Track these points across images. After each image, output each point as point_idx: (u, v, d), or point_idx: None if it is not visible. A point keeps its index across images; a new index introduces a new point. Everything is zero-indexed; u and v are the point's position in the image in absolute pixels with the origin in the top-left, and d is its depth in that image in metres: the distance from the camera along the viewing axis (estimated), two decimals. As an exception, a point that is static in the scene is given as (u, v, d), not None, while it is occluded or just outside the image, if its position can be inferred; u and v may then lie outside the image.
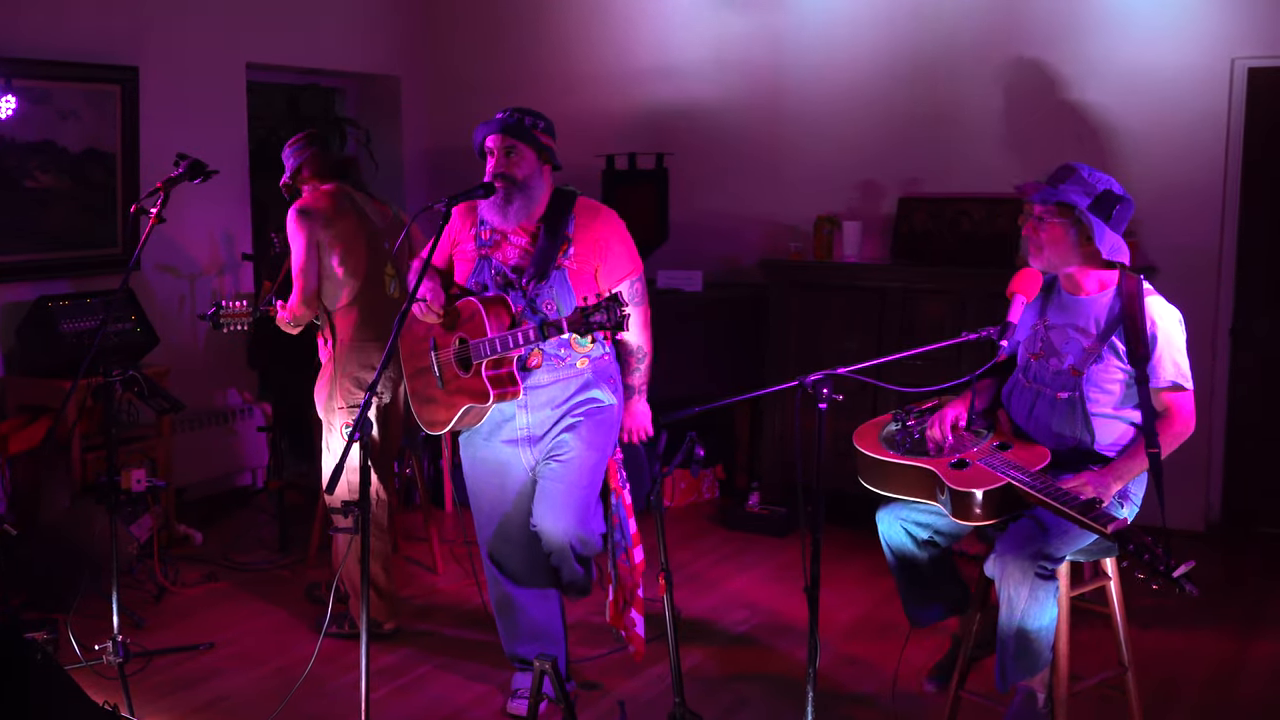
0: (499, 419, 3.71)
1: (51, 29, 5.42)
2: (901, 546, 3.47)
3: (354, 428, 3.06)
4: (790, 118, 6.36)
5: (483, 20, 7.16)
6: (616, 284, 3.67)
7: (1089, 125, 5.72)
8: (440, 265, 3.80)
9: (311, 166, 4.41)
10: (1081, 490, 3.12)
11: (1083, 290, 3.39)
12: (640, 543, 3.79)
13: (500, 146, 3.59)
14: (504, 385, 3.55)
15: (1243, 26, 5.43)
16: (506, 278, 3.63)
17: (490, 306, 3.54)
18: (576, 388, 3.67)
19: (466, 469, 3.85)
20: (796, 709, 3.84)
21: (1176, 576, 2.80)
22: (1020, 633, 3.17)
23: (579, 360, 3.65)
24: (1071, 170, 3.33)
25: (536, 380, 3.63)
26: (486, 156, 3.65)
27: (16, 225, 5.35)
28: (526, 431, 3.69)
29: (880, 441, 3.47)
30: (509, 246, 3.66)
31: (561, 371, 3.64)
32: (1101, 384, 3.31)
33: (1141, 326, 3.26)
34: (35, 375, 5.22)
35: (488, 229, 3.69)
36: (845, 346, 5.70)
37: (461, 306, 3.62)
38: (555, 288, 3.59)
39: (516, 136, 3.58)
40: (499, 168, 3.58)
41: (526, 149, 3.60)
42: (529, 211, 3.64)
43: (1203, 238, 5.59)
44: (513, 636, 3.95)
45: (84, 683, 3.50)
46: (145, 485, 4.95)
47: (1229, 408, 5.66)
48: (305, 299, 4.25)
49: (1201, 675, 4.22)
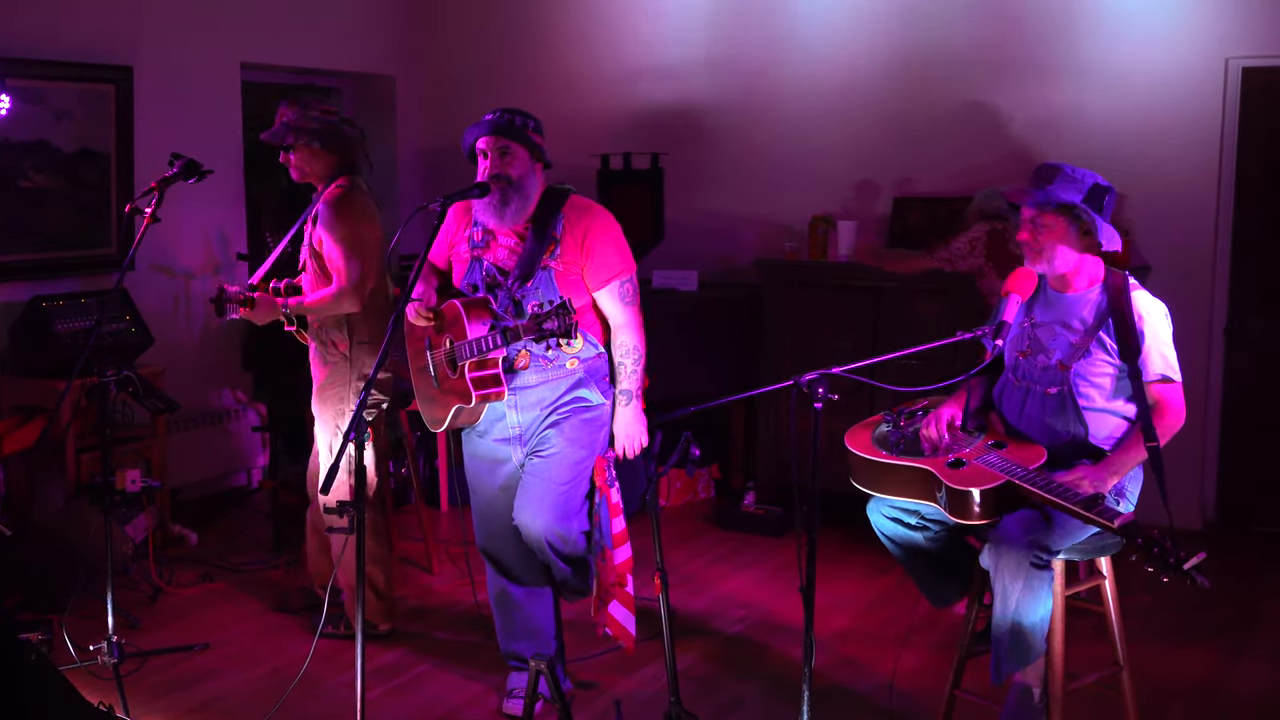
0: (493, 418, 3.73)
1: (46, 29, 5.41)
2: (897, 534, 3.48)
3: (349, 428, 3.06)
4: (785, 117, 6.37)
5: (478, 20, 7.16)
6: (603, 284, 3.65)
7: (1083, 125, 5.72)
8: (440, 265, 3.82)
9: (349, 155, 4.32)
10: (1079, 485, 3.12)
11: (1071, 288, 3.40)
12: (625, 542, 3.71)
13: (494, 148, 3.59)
14: (487, 386, 3.58)
15: (1237, 26, 5.44)
16: (495, 279, 3.65)
17: (471, 309, 3.56)
18: (566, 388, 3.67)
19: (466, 466, 3.89)
20: (792, 708, 3.84)
21: (1188, 568, 2.80)
22: (1015, 625, 3.18)
23: (568, 361, 3.66)
24: (1056, 169, 3.35)
25: (525, 381, 3.65)
26: (478, 158, 3.65)
27: (11, 225, 5.34)
28: (518, 430, 3.71)
29: (873, 443, 3.47)
30: (498, 247, 3.68)
31: (550, 372, 3.65)
32: (1090, 378, 3.32)
33: (1130, 322, 3.28)
34: (30, 375, 5.21)
35: (479, 230, 3.70)
36: (840, 346, 5.70)
37: (446, 309, 3.65)
38: (541, 288, 3.59)
39: (509, 137, 3.59)
40: (494, 169, 3.58)
41: (520, 148, 3.61)
42: (524, 211, 3.64)
43: (1197, 237, 5.60)
44: (509, 634, 3.96)
45: (79, 683, 3.49)
46: (140, 486, 4.95)
47: (1224, 407, 5.68)
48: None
49: (1196, 674, 4.22)
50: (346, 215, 4.15)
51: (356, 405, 3.05)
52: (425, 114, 7.35)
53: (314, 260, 4.24)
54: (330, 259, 4.16)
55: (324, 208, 4.17)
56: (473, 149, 3.67)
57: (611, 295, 3.67)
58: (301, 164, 4.27)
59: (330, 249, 4.15)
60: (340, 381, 4.27)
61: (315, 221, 4.23)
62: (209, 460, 6.22)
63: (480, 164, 3.63)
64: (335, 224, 4.14)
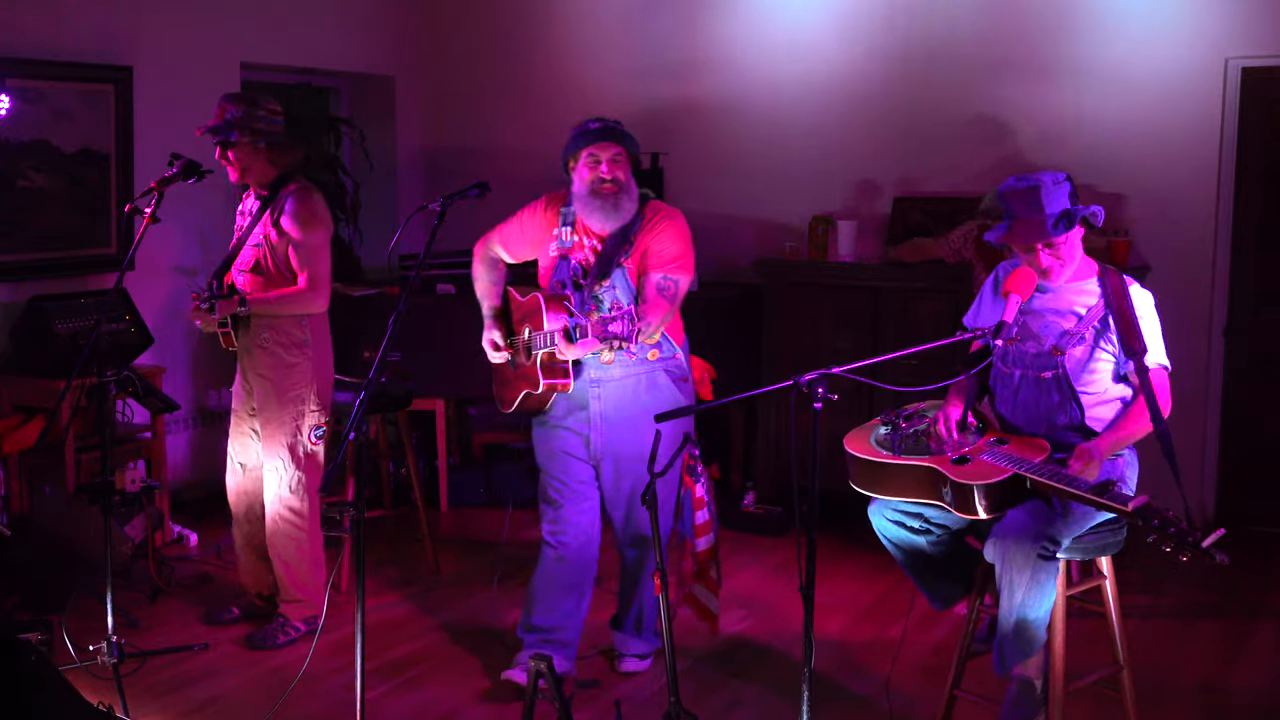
0: (573, 404, 3.92)
1: (46, 29, 5.41)
2: (899, 537, 3.48)
3: (349, 428, 3.06)
4: (785, 117, 6.36)
5: (478, 20, 7.16)
6: (650, 269, 3.83)
7: (1083, 125, 5.72)
8: (511, 257, 4.09)
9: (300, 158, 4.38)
10: (1086, 470, 3.13)
11: (1052, 277, 3.42)
12: (708, 533, 4.01)
13: (609, 155, 3.81)
14: (555, 376, 3.84)
15: (1237, 26, 5.44)
16: (578, 277, 3.85)
17: (551, 302, 3.80)
18: (648, 382, 3.89)
19: (536, 445, 4.07)
20: (792, 708, 3.84)
21: (1206, 546, 2.80)
22: (1020, 619, 3.18)
23: (649, 352, 3.89)
24: (1036, 186, 3.33)
25: (609, 373, 3.86)
26: (581, 166, 3.84)
27: (10, 225, 5.34)
28: (600, 419, 3.90)
29: (873, 445, 3.47)
30: (581, 247, 3.89)
31: (633, 367, 3.87)
32: (1084, 364, 3.35)
33: (1133, 319, 3.32)
34: (29, 375, 5.21)
35: (567, 230, 3.90)
36: (840, 346, 5.70)
37: (529, 300, 3.91)
38: (616, 286, 3.82)
39: (621, 143, 3.84)
40: (609, 174, 3.81)
41: (625, 153, 3.85)
42: (630, 212, 3.85)
43: (1197, 237, 5.59)
44: (531, 610, 4.03)
45: (78, 683, 3.49)
46: (139, 485, 4.95)
47: (1223, 406, 5.67)
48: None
49: (1196, 674, 4.22)
50: (316, 217, 4.23)
51: (357, 405, 3.04)
52: (425, 114, 7.35)
53: (269, 260, 4.25)
54: (299, 259, 4.19)
55: (295, 208, 4.21)
56: (574, 155, 3.86)
57: (653, 283, 3.81)
58: (243, 163, 4.27)
59: (300, 249, 4.20)
60: (302, 382, 4.30)
61: (276, 222, 4.24)
62: (208, 460, 6.21)
63: (583, 171, 3.84)
64: (307, 225, 4.20)
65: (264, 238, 4.26)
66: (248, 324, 4.30)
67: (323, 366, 4.37)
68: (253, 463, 4.47)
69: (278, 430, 4.32)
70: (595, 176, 3.81)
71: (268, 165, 4.28)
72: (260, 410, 4.35)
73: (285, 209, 4.22)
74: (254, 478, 4.48)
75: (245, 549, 4.60)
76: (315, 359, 4.32)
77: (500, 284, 4.07)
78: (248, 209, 4.41)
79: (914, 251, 5.61)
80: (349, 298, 5.94)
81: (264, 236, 4.26)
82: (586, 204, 3.82)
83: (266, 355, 4.30)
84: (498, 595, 4.80)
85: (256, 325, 4.28)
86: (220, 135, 4.20)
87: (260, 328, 4.28)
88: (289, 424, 4.31)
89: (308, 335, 4.30)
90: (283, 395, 4.30)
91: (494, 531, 5.73)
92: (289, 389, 4.30)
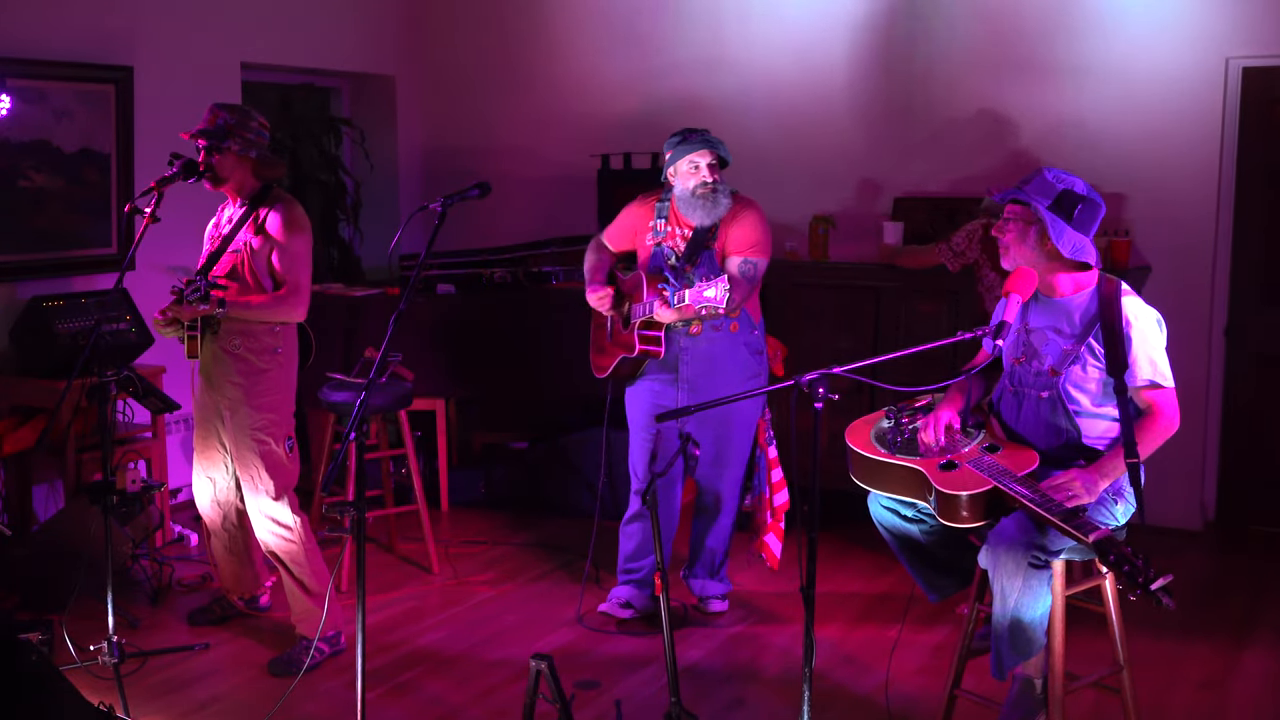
0: (664, 369, 4.49)
1: (46, 28, 5.41)
2: (894, 525, 3.49)
3: (349, 428, 3.06)
4: (786, 117, 6.36)
5: (478, 19, 7.16)
6: (732, 253, 4.41)
7: (1083, 125, 5.72)
8: (615, 250, 4.69)
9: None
10: (1070, 488, 3.13)
11: (1056, 292, 3.41)
12: (783, 489, 4.65)
13: (707, 160, 4.39)
14: (650, 344, 4.39)
15: (1237, 26, 5.43)
16: (673, 261, 4.43)
17: (651, 279, 4.36)
18: (729, 351, 4.46)
19: (629, 405, 4.65)
20: (792, 708, 3.84)
21: (1154, 589, 2.82)
22: (1015, 621, 3.18)
23: (730, 325, 4.45)
24: (1037, 172, 3.39)
25: (696, 343, 4.45)
26: (682, 170, 4.40)
27: (10, 225, 5.34)
28: (687, 383, 4.47)
29: (872, 439, 3.47)
30: (674, 236, 4.48)
31: (717, 338, 4.45)
32: (1079, 384, 3.33)
33: (1119, 331, 3.28)
34: (29, 376, 5.21)
35: (662, 221, 4.50)
36: (840, 346, 5.70)
37: (631, 278, 4.51)
38: (704, 267, 4.37)
39: (715, 149, 4.40)
40: (710, 176, 4.39)
41: (718, 158, 4.42)
42: (726, 206, 4.41)
43: (1197, 237, 5.59)
44: (627, 554, 4.69)
45: (79, 683, 3.50)
46: (140, 485, 4.94)
47: (1224, 407, 5.67)
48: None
49: (1197, 674, 4.22)
50: (302, 226, 4.26)
51: (358, 404, 3.04)
52: (425, 114, 7.35)
53: (246, 267, 4.24)
54: (283, 264, 4.22)
55: (283, 216, 4.23)
56: (675, 163, 4.40)
57: (735, 267, 4.39)
58: (226, 170, 4.26)
59: (286, 257, 4.22)
60: (273, 389, 4.27)
61: (260, 229, 4.23)
62: (209, 460, 6.21)
63: (685, 177, 4.40)
64: (294, 232, 4.23)
65: (245, 244, 4.24)
66: (217, 329, 4.24)
67: (291, 375, 4.37)
68: (222, 476, 4.44)
69: (250, 439, 4.28)
70: (699, 180, 4.37)
71: (252, 176, 4.29)
72: (230, 418, 4.28)
73: (272, 216, 4.22)
74: (225, 488, 4.46)
75: (225, 556, 4.58)
76: (285, 366, 4.32)
77: (606, 264, 4.65)
78: (226, 218, 4.40)
79: (911, 258, 5.55)
80: (349, 298, 5.93)
81: (245, 244, 4.24)
82: (689, 203, 4.39)
83: (238, 361, 4.25)
84: (497, 596, 4.79)
85: (228, 331, 4.24)
86: (214, 140, 4.20)
87: (232, 333, 4.24)
88: (261, 431, 4.28)
89: (279, 343, 4.28)
90: (254, 402, 4.26)
91: (494, 531, 5.74)
92: (260, 395, 4.26)
